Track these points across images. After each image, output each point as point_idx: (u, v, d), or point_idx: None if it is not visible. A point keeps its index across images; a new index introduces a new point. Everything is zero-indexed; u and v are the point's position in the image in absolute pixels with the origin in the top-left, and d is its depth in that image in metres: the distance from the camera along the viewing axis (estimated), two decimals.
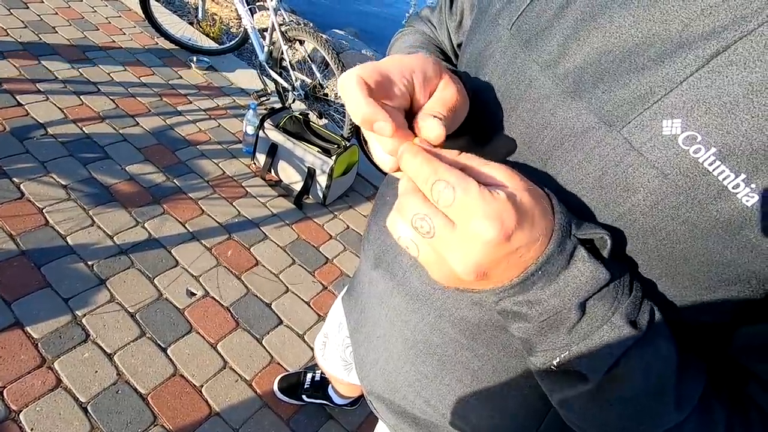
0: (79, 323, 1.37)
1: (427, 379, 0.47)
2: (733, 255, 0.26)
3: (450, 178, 0.24)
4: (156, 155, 2.02)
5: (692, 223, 0.26)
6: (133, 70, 2.46)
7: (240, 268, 1.70)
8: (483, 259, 0.24)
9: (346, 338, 0.76)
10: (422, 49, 0.49)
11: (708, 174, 0.25)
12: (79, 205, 1.69)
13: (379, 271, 0.50)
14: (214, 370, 1.38)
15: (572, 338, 0.28)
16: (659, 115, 0.26)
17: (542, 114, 0.32)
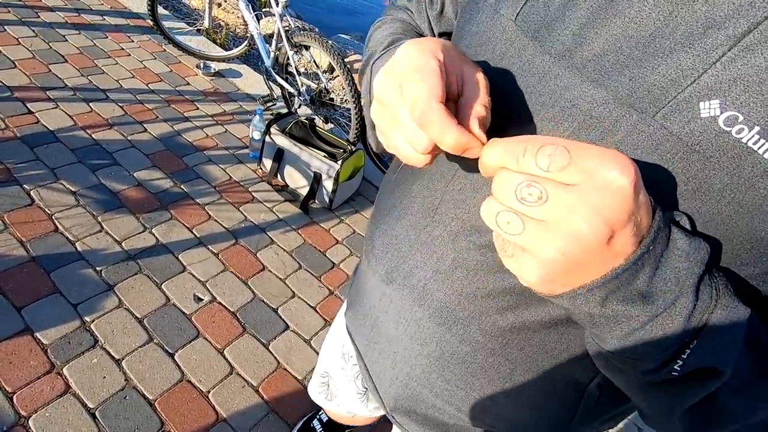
0: (87, 329, 1.38)
1: (456, 388, 0.46)
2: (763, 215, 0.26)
3: (557, 141, 0.23)
4: (163, 161, 2.04)
5: (738, 202, 0.26)
6: (140, 77, 2.49)
7: (246, 274, 1.70)
8: (615, 211, 0.22)
9: (355, 366, 0.71)
10: (404, 37, 0.47)
11: (753, 153, 0.24)
12: (88, 211, 1.71)
13: (393, 286, 0.47)
14: (221, 376, 1.38)
15: (690, 331, 0.25)
16: (695, 98, 0.25)
17: (561, 105, 0.31)
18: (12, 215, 1.60)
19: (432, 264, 0.42)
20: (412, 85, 0.28)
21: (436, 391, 0.48)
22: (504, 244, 0.27)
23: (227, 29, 3.19)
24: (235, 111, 2.51)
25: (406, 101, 0.28)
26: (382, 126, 0.33)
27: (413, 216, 0.44)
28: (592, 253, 0.23)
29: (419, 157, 0.30)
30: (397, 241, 0.46)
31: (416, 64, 0.28)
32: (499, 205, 0.25)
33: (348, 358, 0.73)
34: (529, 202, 0.23)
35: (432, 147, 0.28)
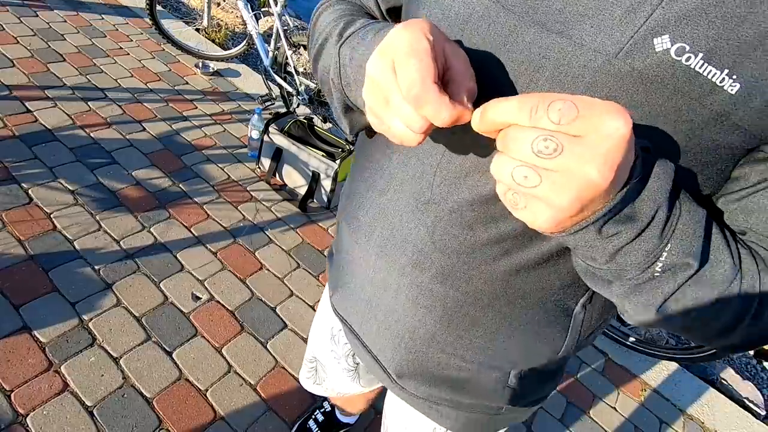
0: (85, 327, 1.38)
1: (461, 339, 0.48)
2: (722, 138, 0.31)
3: (562, 96, 0.25)
4: (162, 160, 2.04)
5: (691, 120, 0.31)
6: (139, 76, 2.49)
7: (245, 272, 1.71)
8: (618, 157, 0.25)
9: (346, 344, 0.73)
10: (356, 18, 0.46)
11: (699, 75, 0.29)
12: (86, 210, 1.71)
13: (387, 258, 0.48)
14: (219, 374, 1.39)
15: (667, 236, 0.30)
16: (649, 36, 0.29)
17: (532, 60, 0.33)
18: (10, 214, 1.60)
19: (427, 228, 0.44)
20: (407, 67, 0.29)
21: (441, 346, 0.49)
22: (516, 198, 0.28)
23: (226, 29, 3.19)
24: (233, 110, 2.51)
25: (402, 83, 0.29)
26: (375, 107, 0.33)
27: (400, 185, 0.45)
28: (600, 194, 0.26)
29: (414, 136, 0.32)
30: (384, 213, 0.47)
31: (410, 46, 0.30)
32: (514, 161, 0.27)
33: (338, 339, 0.74)
34: (546, 155, 0.25)
35: (428, 126, 0.30)
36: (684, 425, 1.72)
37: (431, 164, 0.42)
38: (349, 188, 0.57)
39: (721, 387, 1.96)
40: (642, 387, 1.81)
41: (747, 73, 0.28)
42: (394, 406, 0.71)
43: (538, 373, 0.52)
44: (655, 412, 1.73)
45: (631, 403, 1.74)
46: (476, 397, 0.53)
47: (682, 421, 1.73)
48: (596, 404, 1.70)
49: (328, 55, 0.44)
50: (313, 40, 0.49)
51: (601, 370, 1.83)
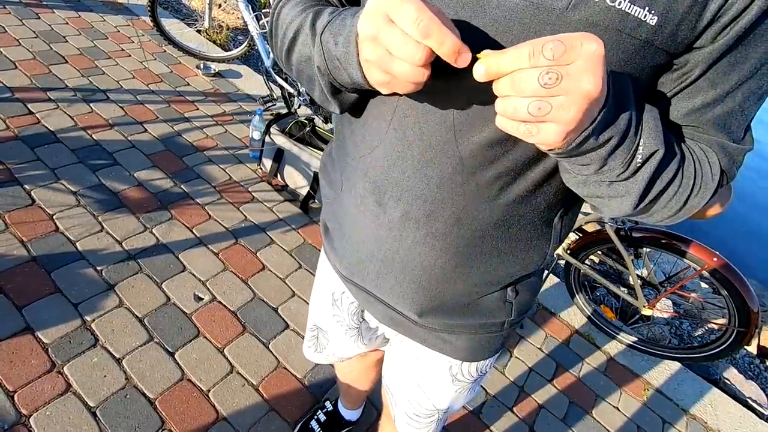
0: (88, 328, 1.38)
1: (470, 267, 0.55)
2: (650, 60, 0.40)
3: (548, 38, 0.31)
4: (164, 161, 2.04)
5: (627, 49, 0.39)
6: (141, 78, 2.50)
7: (246, 273, 1.71)
8: (600, 69, 0.31)
9: (352, 304, 0.77)
10: (324, 7, 0.49)
11: (628, 15, 0.37)
12: (88, 211, 1.72)
13: (400, 217, 0.53)
14: (221, 375, 1.39)
15: (641, 131, 0.39)
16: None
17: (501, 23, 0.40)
18: (13, 215, 1.61)
19: (435, 182, 0.49)
20: (405, 10, 0.33)
21: (455, 279, 0.56)
22: (530, 128, 0.34)
23: (227, 30, 3.20)
24: (235, 111, 2.52)
25: (405, 23, 0.33)
26: (376, 62, 0.37)
27: (404, 148, 0.50)
28: (594, 102, 0.33)
29: (418, 72, 0.36)
30: (391, 177, 0.52)
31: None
32: (527, 99, 0.32)
33: (341, 302, 0.79)
34: (551, 85, 0.31)
35: (429, 57, 0.34)
36: (687, 425, 1.72)
37: (429, 123, 0.47)
38: (340, 159, 0.60)
39: (724, 387, 1.95)
40: (644, 387, 1.81)
41: (660, 7, 0.36)
42: (405, 363, 0.76)
43: (528, 285, 0.62)
44: (658, 412, 1.73)
45: (634, 402, 1.74)
46: (485, 316, 0.62)
47: (685, 421, 1.73)
48: (598, 404, 1.69)
49: (305, 46, 0.47)
50: (280, 34, 0.51)
51: (604, 370, 1.82)
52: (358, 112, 0.54)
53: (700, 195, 0.45)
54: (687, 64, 0.41)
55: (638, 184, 0.41)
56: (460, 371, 0.70)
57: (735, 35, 0.38)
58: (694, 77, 0.42)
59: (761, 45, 0.39)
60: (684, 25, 0.37)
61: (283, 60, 0.53)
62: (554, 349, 1.85)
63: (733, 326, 1.64)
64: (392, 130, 0.50)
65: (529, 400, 1.63)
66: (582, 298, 1.97)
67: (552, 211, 0.54)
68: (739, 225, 4.44)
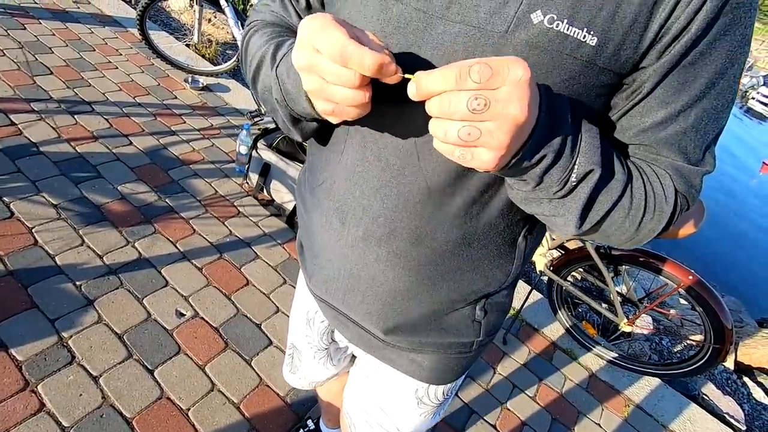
0: (65, 345, 1.35)
1: (434, 285, 0.56)
2: (594, 80, 0.41)
3: (475, 60, 0.31)
4: (148, 175, 2.03)
5: (570, 69, 0.39)
6: (128, 90, 2.49)
7: (230, 288, 1.69)
8: (527, 95, 0.32)
9: (322, 323, 0.78)
10: (283, 37, 0.51)
11: (568, 36, 0.38)
12: (69, 224, 1.69)
13: (362, 236, 0.54)
14: (202, 393, 1.36)
15: (576, 151, 0.39)
16: (527, 12, 0.38)
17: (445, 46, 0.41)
18: None
19: (395, 202, 0.50)
20: (323, 38, 0.34)
21: (420, 297, 0.57)
22: (464, 152, 0.34)
23: (216, 44, 3.22)
24: (222, 125, 2.52)
25: (325, 52, 0.34)
26: (316, 91, 0.38)
27: (363, 169, 0.51)
28: (522, 127, 0.33)
29: (357, 95, 0.36)
30: (353, 196, 0.52)
31: (318, 25, 0.35)
32: (457, 123, 0.33)
33: (313, 322, 0.79)
34: (479, 111, 0.31)
35: (360, 78, 0.35)
36: None
37: (387, 145, 0.48)
38: (309, 180, 0.62)
39: (702, 402, 1.98)
40: (626, 403, 1.83)
41: (599, 28, 0.37)
42: (370, 385, 0.75)
43: (496, 306, 0.62)
44: (639, 429, 1.74)
45: (615, 419, 1.75)
46: (453, 335, 0.62)
47: None
48: (581, 421, 1.71)
49: (266, 77, 0.48)
50: (247, 62, 0.53)
51: (586, 387, 1.84)
52: (323, 138, 0.56)
53: (655, 219, 0.45)
54: (635, 82, 0.42)
55: (576, 203, 0.42)
56: (426, 394, 0.69)
57: (678, 53, 0.39)
58: (643, 95, 0.42)
59: (711, 64, 0.40)
60: (626, 45, 0.38)
61: (251, 87, 0.54)
62: (537, 365, 1.86)
63: (709, 343, 1.68)
64: (352, 152, 0.51)
65: (513, 416, 1.64)
66: (564, 314, 1.99)
67: (515, 230, 0.54)
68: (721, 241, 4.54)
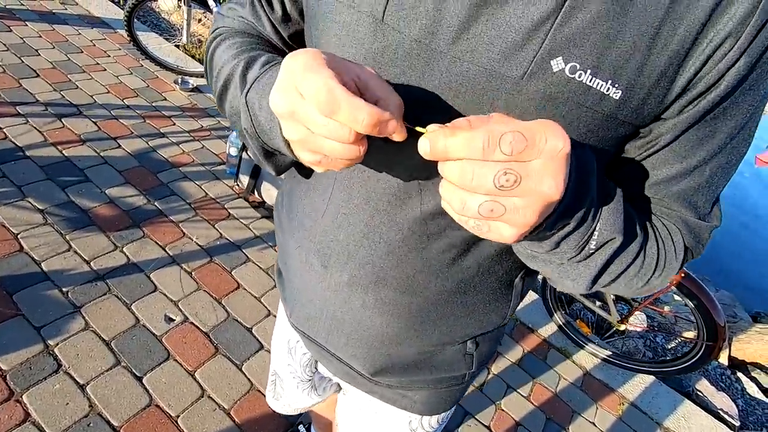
0: (51, 353, 1.33)
1: (425, 331, 0.53)
2: (613, 132, 0.37)
3: (507, 128, 0.27)
4: (137, 178, 2.00)
5: (588, 123, 0.36)
6: (116, 92, 2.46)
7: (220, 292, 1.68)
8: (564, 170, 0.28)
9: (305, 355, 0.75)
10: (260, 53, 0.44)
11: (591, 88, 0.34)
12: (55, 229, 1.67)
13: (346, 280, 0.50)
14: (192, 399, 1.35)
15: (597, 218, 0.36)
16: (546, 58, 0.33)
17: (453, 87, 0.36)
18: None
19: (382, 248, 0.46)
20: (307, 81, 0.28)
21: (410, 342, 0.54)
22: (480, 224, 0.30)
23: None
24: (212, 127, 2.50)
25: (309, 99, 0.29)
26: (300, 142, 0.33)
27: (349, 210, 0.46)
28: (552, 205, 0.29)
29: (349, 150, 0.31)
30: (336, 238, 0.48)
31: (304, 64, 0.29)
32: (478, 197, 0.28)
33: (294, 351, 0.76)
34: (507, 188, 0.27)
35: (355, 134, 0.29)
36: None
37: (376, 189, 0.43)
38: (287, 209, 0.57)
39: (696, 399, 1.99)
40: (620, 401, 1.83)
41: (624, 81, 0.34)
42: (361, 416, 0.72)
43: (489, 336, 0.59)
44: (633, 426, 1.74)
45: (610, 417, 1.75)
46: (444, 371, 0.59)
47: None
48: (575, 419, 1.70)
49: (234, 99, 0.43)
50: (212, 76, 0.47)
51: (580, 385, 1.84)
52: (301, 169, 0.51)
53: (663, 275, 0.43)
54: (651, 133, 0.38)
55: (590, 270, 0.39)
56: (420, 425, 0.67)
57: (703, 109, 0.35)
58: (659, 147, 0.39)
59: (731, 119, 0.37)
60: (651, 99, 0.35)
61: (218, 106, 0.48)
62: (531, 364, 1.85)
63: (702, 340, 1.67)
64: (337, 191, 0.46)
65: (507, 417, 1.63)
66: (559, 313, 1.99)
67: (512, 273, 0.51)
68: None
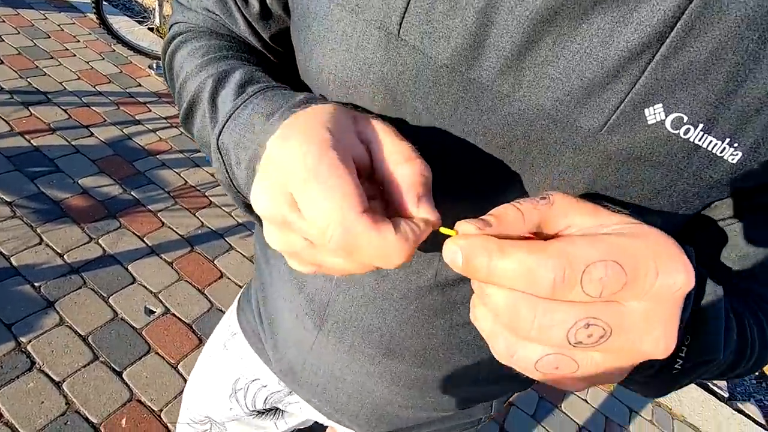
0: (23, 350, 1.27)
1: (443, 397, 0.47)
2: (715, 197, 0.28)
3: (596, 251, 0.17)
4: (112, 167, 1.92)
5: (685, 192, 0.27)
6: (87, 79, 2.35)
7: (203, 282, 1.62)
8: (678, 318, 0.19)
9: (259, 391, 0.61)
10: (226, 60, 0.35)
11: (699, 148, 0.25)
12: (25, 222, 1.59)
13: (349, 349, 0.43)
14: (175, 392, 1.30)
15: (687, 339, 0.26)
16: (639, 105, 0.24)
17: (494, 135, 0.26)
18: None
19: (393, 318, 0.39)
20: (311, 201, 0.20)
21: (423, 407, 0.48)
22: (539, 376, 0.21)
23: None
24: None
25: (312, 227, 0.21)
26: (296, 254, 0.24)
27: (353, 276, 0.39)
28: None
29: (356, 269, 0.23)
30: (338, 303, 0.41)
31: (306, 165, 0.20)
32: (537, 350, 0.19)
33: (244, 393, 0.61)
34: (588, 344, 0.18)
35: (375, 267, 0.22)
36: (653, 413, 1.75)
37: None
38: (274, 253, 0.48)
39: None
40: None
41: (749, 140, 0.24)
42: None
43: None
44: (625, 402, 1.75)
45: (602, 393, 1.75)
46: (460, 418, 0.54)
47: (650, 408, 1.76)
48: (567, 397, 1.70)
49: (204, 129, 0.34)
50: (174, 89, 0.38)
51: None
52: None
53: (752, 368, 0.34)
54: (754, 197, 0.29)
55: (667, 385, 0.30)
56: None
57: None
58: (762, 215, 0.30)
59: None
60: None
61: (183, 128, 0.39)
62: None
63: None
64: None
65: None
66: None
67: None
68: None
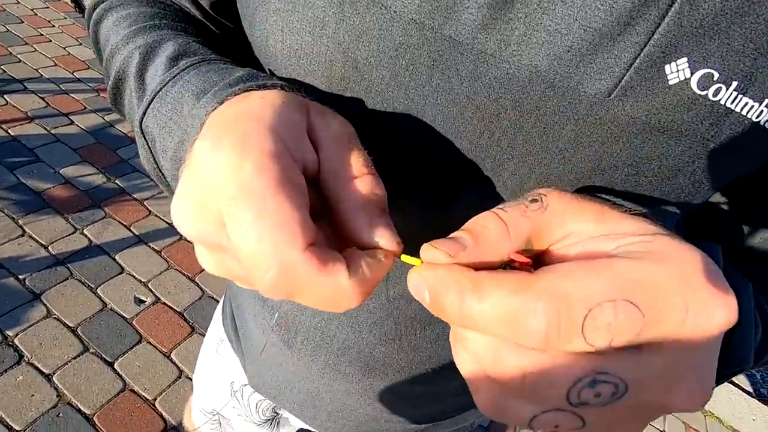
0: (10, 344, 1.24)
1: (428, 405, 0.45)
2: (745, 170, 0.24)
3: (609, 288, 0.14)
4: (94, 155, 1.87)
5: (710, 167, 0.22)
6: (65, 65, 2.27)
7: (193, 270, 1.59)
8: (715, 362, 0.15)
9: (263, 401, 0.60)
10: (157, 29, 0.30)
11: (732, 113, 0.20)
12: (6, 214, 1.54)
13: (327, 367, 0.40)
14: (169, 381, 1.29)
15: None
16: (658, 61, 0.19)
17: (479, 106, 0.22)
18: None
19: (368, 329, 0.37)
20: (240, 224, 0.16)
21: (407, 416, 0.46)
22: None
23: None
24: None
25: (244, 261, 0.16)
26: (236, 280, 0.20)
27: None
28: None
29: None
30: (300, 315, 0.39)
31: (237, 180, 0.16)
32: (532, 407, 0.16)
33: (241, 395, 0.60)
34: (596, 404, 0.15)
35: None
36: None
37: None
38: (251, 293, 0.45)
39: None
40: None
41: None
42: None
43: None
44: None
45: None
46: (456, 422, 0.52)
47: None
48: None
49: (132, 110, 0.30)
50: (102, 59, 0.32)
51: None
52: None
53: None
54: None
55: None
56: None
57: None
58: None
59: None
60: None
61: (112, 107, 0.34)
62: None
63: None
64: None
65: None
66: None
67: None
68: None
